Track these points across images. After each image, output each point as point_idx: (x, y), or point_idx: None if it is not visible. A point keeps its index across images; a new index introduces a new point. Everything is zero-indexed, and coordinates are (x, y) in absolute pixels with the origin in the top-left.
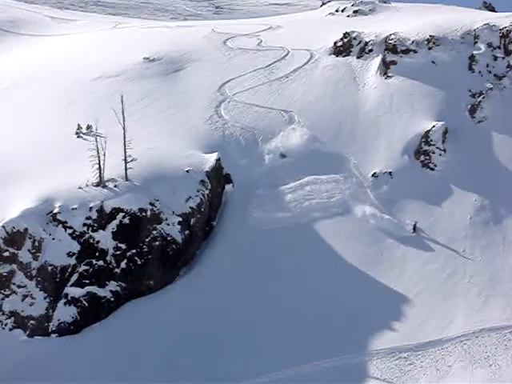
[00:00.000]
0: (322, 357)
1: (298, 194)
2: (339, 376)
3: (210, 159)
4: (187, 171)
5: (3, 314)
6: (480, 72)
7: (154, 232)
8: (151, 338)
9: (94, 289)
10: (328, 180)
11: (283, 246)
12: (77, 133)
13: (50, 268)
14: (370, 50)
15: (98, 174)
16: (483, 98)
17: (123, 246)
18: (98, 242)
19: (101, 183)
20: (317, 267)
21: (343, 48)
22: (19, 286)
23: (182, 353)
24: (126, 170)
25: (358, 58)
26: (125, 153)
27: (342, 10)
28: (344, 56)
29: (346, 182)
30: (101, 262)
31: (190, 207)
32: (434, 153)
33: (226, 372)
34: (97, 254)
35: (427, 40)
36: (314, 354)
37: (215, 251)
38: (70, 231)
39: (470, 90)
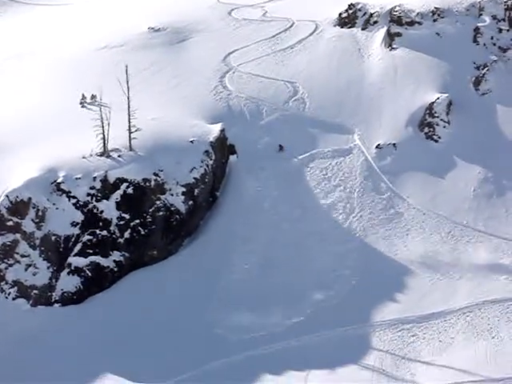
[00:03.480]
0: (326, 327)
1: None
2: (342, 346)
3: (215, 130)
4: (191, 141)
5: (6, 283)
6: (484, 44)
7: (158, 202)
8: (153, 308)
9: (97, 259)
10: (333, 155)
11: (285, 213)
12: (81, 102)
13: (53, 238)
14: (375, 22)
15: (102, 144)
16: (487, 70)
17: (127, 216)
18: (101, 211)
19: (105, 153)
20: (320, 237)
21: (348, 19)
22: (23, 256)
23: (184, 321)
24: (130, 140)
25: (362, 29)
26: (129, 123)
27: None
28: (349, 27)
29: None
30: (104, 232)
31: (194, 178)
32: (438, 125)
33: (224, 340)
34: (100, 223)
35: (432, 12)
36: (319, 324)
37: (219, 221)
38: (73, 201)
39: (474, 63)
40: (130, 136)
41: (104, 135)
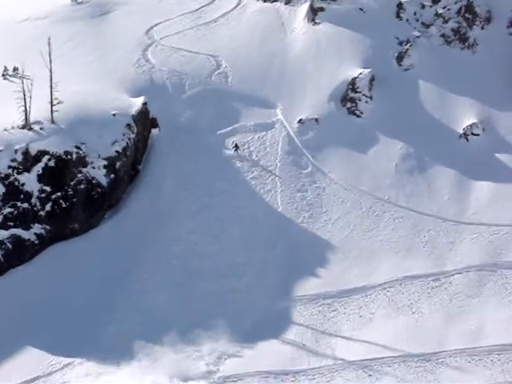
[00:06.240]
0: (245, 301)
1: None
2: (262, 321)
3: (137, 103)
4: (113, 115)
5: None
6: (407, 20)
7: (80, 175)
8: (73, 281)
9: (18, 231)
10: (255, 129)
11: (207, 187)
12: (3, 75)
13: None
14: None
15: (23, 117)
16: (410, 45)
17: (48, 189)
18: (23, 184)
19: (26, 126)
20: (242, 211)
21: None
22: None
23: (104, 295)
24: (52, 112)
25: (286, 3)
26: (51, 95)
27: None
28: (272, 2)
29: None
30: (25, 205)
31: (116, 151)
32: (360, 100)
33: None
34: (22, 196)
35: None
36: (237, 300)
37: (140, 195)
38: None
39: (397, 38)
40: (51, 109)
41: (26, 107)
